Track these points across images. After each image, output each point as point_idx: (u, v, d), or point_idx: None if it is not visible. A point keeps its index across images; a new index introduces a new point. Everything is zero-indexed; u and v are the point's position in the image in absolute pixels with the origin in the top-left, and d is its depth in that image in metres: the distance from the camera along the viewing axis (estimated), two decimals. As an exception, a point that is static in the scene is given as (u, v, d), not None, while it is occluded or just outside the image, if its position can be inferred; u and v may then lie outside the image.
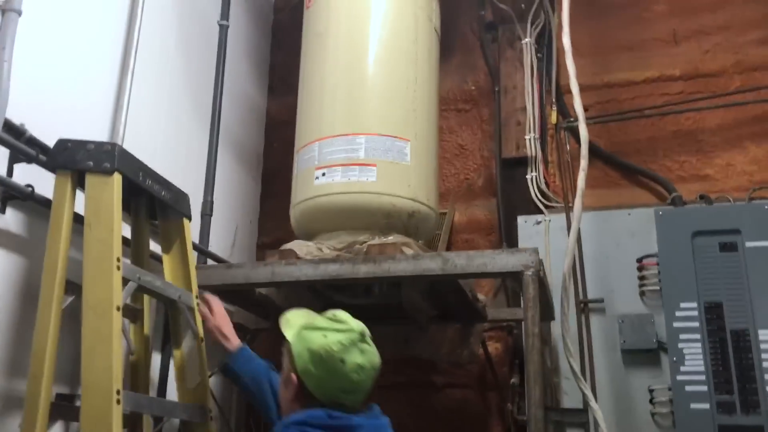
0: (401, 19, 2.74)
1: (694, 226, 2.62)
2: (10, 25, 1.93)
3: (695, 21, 3.26)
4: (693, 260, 2.58)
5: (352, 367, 1.46)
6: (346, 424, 1.44)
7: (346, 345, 1.48)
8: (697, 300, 2.55)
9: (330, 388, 1.47)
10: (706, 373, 2.47)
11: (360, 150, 2.53)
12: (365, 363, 1.48)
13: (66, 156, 1.93)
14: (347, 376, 1.46)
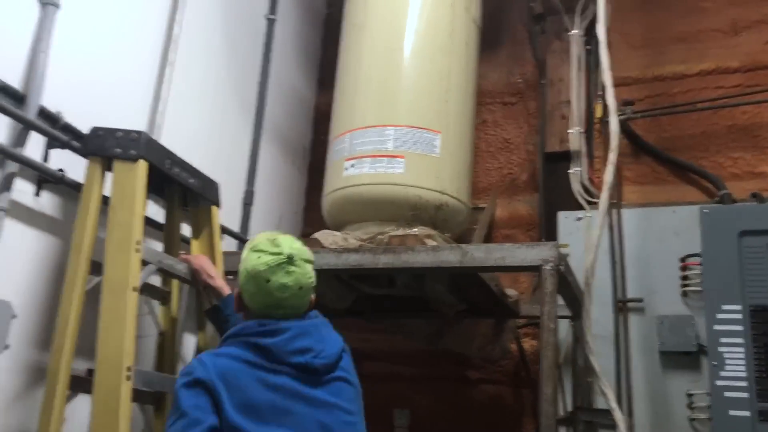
0: (437, 11, 2.73)
1: (742, 224, 2.48)
2: (48, 18, 2.05)
3: (757, 10, 3.09)
4: (739, 261, 2.45)
5: (276, 286, 1.61)
6: (273, 328, 1.59)
7: (272, 266, 1.62)
8: (742, 302, 2.42)
9: (259, 302, 1.64)
10: (748, 380, 2.35)
11: (389, 141, 2.54)
12: (290, 282, 1.62)
13: (97, 143, 2.04)
14: (272, 293, 1.62)
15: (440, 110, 2.62)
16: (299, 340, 1.59)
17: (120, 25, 2.39)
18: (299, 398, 1.54)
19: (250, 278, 1.63)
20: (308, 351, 1.58)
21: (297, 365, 1.56)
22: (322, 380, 1.59)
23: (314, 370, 1.58)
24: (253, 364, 1.54)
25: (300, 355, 1.57)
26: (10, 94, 1.94)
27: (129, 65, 2.42)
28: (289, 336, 1.58)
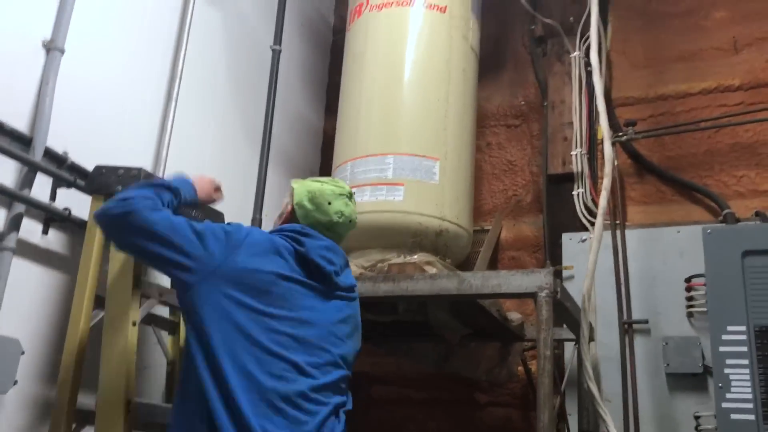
0: (434, 40, 2.78)
1: (745, 244, 2.47)
2: (54, 63, 2.14)
3: (758, 28, 3.09)
4: (743, 281, 2.44)
5: (336, 210, 1.84)
6: (311, 233, 1.79)
7: (336, 194, 1.86)
8: (746, 323, 2.41)
9: (313, 220, 1.83)
10: (755, 402, 2.33)
11: (388, 170, 2.58)
12: (346, 211, 1.86)
13: (100, 181, 2.11)
14: (329, 214, 1.83)
15: (438, 138, 2.66)
16: (330, 253, 1.78)
17: (124, 63, 2.47)
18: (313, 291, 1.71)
19: (311, 198, 1.84)
20: (332, 264, 1.77)
21: (320, 269, 1.72)
22: (332, 293, 1.76)
23: (331, 282, 1.75)
24: (282, 249, 1.69)
25: (327, 262, 1.74)
26: (17, 137, 2.02)
27: (134, 101, 2.50)
28: (324, 245, 1.77)
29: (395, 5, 2.82)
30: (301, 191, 1.87)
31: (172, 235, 1.60)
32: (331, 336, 1.70)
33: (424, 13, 2.81)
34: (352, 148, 2.72)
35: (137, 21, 2.55)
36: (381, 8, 2.85)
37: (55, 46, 2.15)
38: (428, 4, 2.82)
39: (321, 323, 1.68)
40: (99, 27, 2.36)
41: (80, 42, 2.25)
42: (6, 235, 1.95)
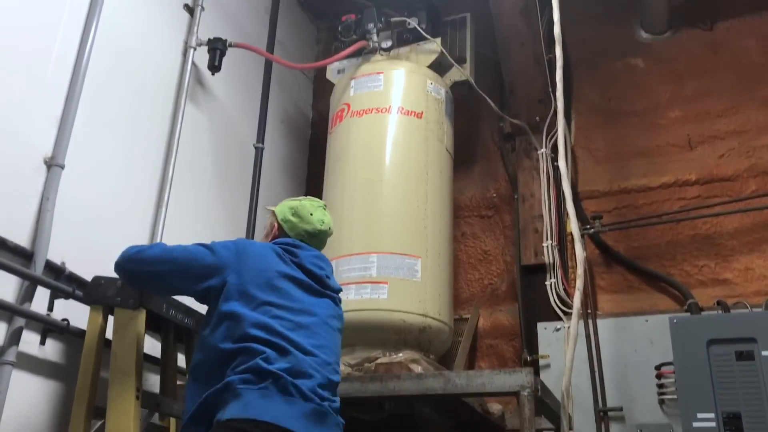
0: (411, 144, 2.96)
1: (709, 334, 2.63)
2: (54, 178, 2.24)
3: (709, 126, 3.34)
4: (709, 369, 2.58)
5: (318, 218, 2.13)
6: (301, 245, 2.07)
7: (315, 206, 2.16)
8: (715, 410, 2.54)
9: (301, 230, 2.11)
10: (728, 489, 2.45)
11: (372, 268, 2.70)
12: (326, 219, 2.16)
13: (99, 292, 2.18)
14: (313, 223, 2.12)
15: (419, 236, 2.80)
16: (320, 261, 2.07)
17: (119, 173, 2.58)
18: (307, 289, 1.96)
19: (295, 212, 2.12)
20: (322, 269, 2.05)
21: (312, 273, 2.00)
22: (325, 292, 2.02)
23: (323, 283, 2.02)
24: (279, 254, 1.97)
25: (318, 268, 2.03)
26: (19, 252, 2.09)
27: (128, 209, 2.61)
28: (314, 254, 2.07)
29: (375, 111, 3.01)
30: (283, 209, 2.15)
31: (188, 254, 1.93)
32: (326, 326, 1.95)
33: (402, 119, 3.00)
34: (337, 247, 2.84)
35: (131, 130, 2.67)
36: (362, 114, 3.03)
37: (56, 162, 2.26)
38: (406, 111, 3.02)
39: (319, 314, 1.94)
40: (96, 140, 2.48)
41: (78, 156, 2.36)
42: (6, 349, 2.00)
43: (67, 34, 2.40)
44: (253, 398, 1.68)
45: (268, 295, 1.86)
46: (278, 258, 1.96)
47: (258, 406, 1.67)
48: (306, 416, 1.71)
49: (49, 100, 2.30)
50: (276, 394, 1.70)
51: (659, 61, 3.56)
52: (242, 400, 1.68)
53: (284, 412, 1.69)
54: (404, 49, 3.32)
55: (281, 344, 1.78)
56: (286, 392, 1.71)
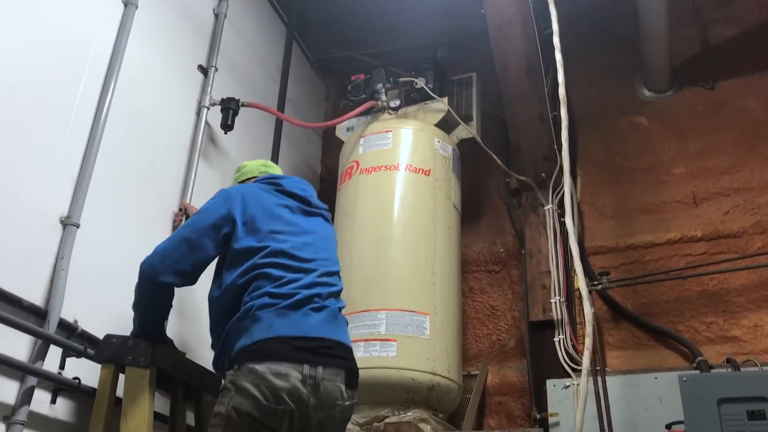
0: (420, 201, 3.00)
1: (720, 392, 2.60)
2: (69, 237, 2.28)
3: (714, 183, 3.38)
4: (720, 429, 2.55)
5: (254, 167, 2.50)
6: (279, 175, 2.36)
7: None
8: (728, 471, 2.51)
9: (255, 172, 2.44)
10: None
11: (381, 325, 2.71)
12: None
13: (110, 351, 2.20)
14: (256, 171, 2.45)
15: (428, 293, 2.82)
16: (301, 184, 2.32)
17: (134, 230, 2.62)
18: (299, 212, 2.22)
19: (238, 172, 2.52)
20: (306, 191, 2.29)
21: (299, 196, 2.25)
22: (313, 211, 2.27)
23: (310, 203, 2.27)
24: (267, 189, 2.23)
25: (301, 191, 2.27)
26: (33, 311, 2.12)
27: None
28: (294, 179, 2.33)
29: (384, 169, 3.06)
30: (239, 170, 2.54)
31: (193, 224, 2.16)
32: (325, 240, 2.23)
33: (410, 176, 3.05)
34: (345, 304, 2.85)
35: (146, 188, 2.72)
36: (371, 171, 3.08)
37: (71, 221, 2.30)
38: (414, 168, 3.07)
39: (316, 231, 2.22)
40: (111, 198, 2.53)
41: (93, 214, 2.40)
42: (17, 408, 2.01)
43: (86, 95, 2.47)
44: (274, 319, 1.92)
45: (270, 224, 2.11)
46: (266, 192, 2.23)
47: (281, 324, 1.91)
48: (322, 322, 1.98)
49: (67, 160, 2.35)
50: (293, 311, 1.95)
51: (663, 119, 3.62)
52: (264, 323, 1.91)
53: (305, 323, 1.95)
54: (412, 107, 3.40)
55: (290, 264, 2.04)
56: (301, 306, 1.96)
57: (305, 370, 1.88)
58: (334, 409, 1.94)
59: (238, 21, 3.55)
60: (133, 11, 2.69)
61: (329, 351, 1.95)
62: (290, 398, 1.84)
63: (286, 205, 2.20)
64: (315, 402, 1.89)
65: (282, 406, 1.84)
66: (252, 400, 1.82)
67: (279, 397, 1.83)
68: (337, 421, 1.97)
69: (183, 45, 3.06)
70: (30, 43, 2.26)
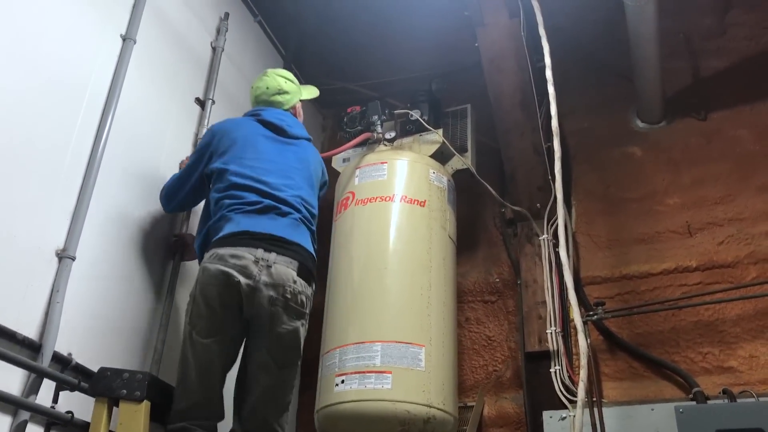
0: (415, 232, 3.01)
1: (717, 424, 2.60)
2: (65, 270, 2.29)
3: (707, 213, 3.39)
4: (718, 460, 2.55)
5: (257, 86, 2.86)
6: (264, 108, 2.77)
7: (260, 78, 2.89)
8: (726, 505, 2.50)
9: (254, 100, 2.85)
10: None
11: (376, 357, 2.70)
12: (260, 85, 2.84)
13: (104, 384, 2.20)
14: (256, 92, 2.84)
15: (423, 325, 2.82)
16: (281, 115, 2.71)
17: (131, 265, 2.63)
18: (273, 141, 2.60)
19: (252, 91, 2.88)
20: (284, 120, 2.67)
21: (274, 125, 2.63)
22: (288, 140, 2.64)
23: (285, 132, 2.65)
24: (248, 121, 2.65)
25: (279, 120, 2.65)
26: (27, 344, 2.12)
27: (137, 301, 2.64)
28: (276, 111, 2.72)
29: (379, 200, 3.08)
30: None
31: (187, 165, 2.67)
32: (293, 168, 2.56)
33: (405, 207, 3.07)
34: (339, 336, 2.86)
35: (143, 220, 2.73)
36: (366, 202, 3.10)
37: (67, 254, 2.31)
38: (409, 199, 3.09)
39: (285, 159, 2.57)
40: (108, 231, 2.55)
41: (89, 247, 2.41)
42: (10, 443, 2.00)
43: (84, 129, 2.50)
44: (243, 218, 2.34)
45: (242, 151, 2.51)
46: (247, 122, 2.64)
47: (247, 222, 2.34)
48: (285, 226, 2.38)
49: (64, 193, 2.37)
50: (259, 215, 2.36)
51: (656, 150, 3.65)
52: (234, 220, 2.34)
53: (269, 224, 2.35)
54: (407, 139, 3.43)
55: (257, 186, 2.42)
56: (266, 213, 2.38)
57: (259, 254, 2.27)
58: (285, 289, 2.28)
59: (236, 54, 3.59)
60: (131, 46, 2.73)
61: (286, 245, 2.34)
62: (242, 273, 2.23)
63: (260, 134, 2.59)
64: (266, 280, 2.25)
65: (235, 279, 2.22)
66: (211, 277, 2.24)
67: (232, 273, 2.22)
68: (289, 304, 2.31)
69: (180, 78, 3.10)
70: (29, 77, 2.29)
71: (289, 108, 2.81)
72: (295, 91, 2.86)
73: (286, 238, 2.35)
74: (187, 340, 2.29)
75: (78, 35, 2.53)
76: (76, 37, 2.52)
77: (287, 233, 2.37)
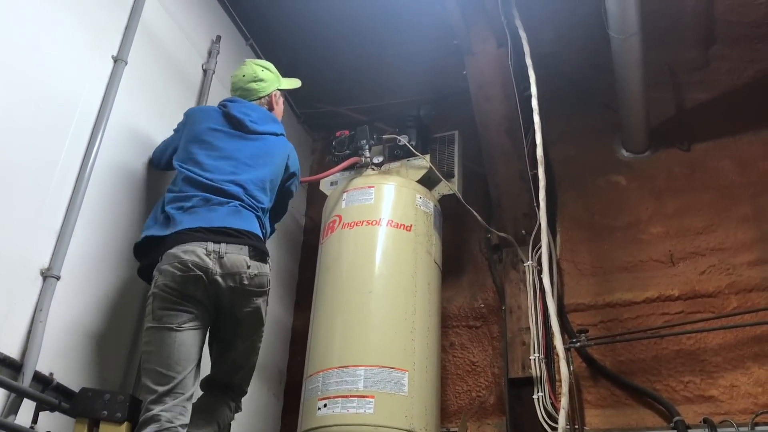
0: (400, 256, 3.04)
1: (697, 453, 2.63)
2: (49, 289, 2.29)
3: (690, 243, 3.44)
4: (697, 491, 2.57)
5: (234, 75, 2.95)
6: (235, 99, 2.82)
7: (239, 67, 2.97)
8: None
9: (232, 89, 2.93)
10: None
11: (359, 382, 2.71)
12: (237, 74, 2.93)
13: (85, 404, 2.20)
14: (232, 80, 2.94)
15: (407, 349, 2.83)
16: (246, 108, 2.73)
17: (115, 285, 2.62)
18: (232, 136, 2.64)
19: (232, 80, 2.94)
20: (248, 115, 2.69)
21: (237, 120, 2.66)
22: (248, 136, 2.66)
23: (245, 127, 2.66)
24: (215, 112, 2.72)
25: (243, 114, 2.68)
26: (8, 364, 2.10)
27: (118, 320, 2.63)
28: (243, 104, 2.76)
29: (366, 224, 3.10)
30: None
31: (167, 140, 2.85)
32: (245, 165, 2.58)
33: (391, 231, 3.09)
34: (322, 360, 2.86)
35: (130, 240, 2.73)
36: (353, 226, 3.12)
37: (52, 273, 2.30)
38: (395, 224, 3.11)
39: (239, 155, 2.60)
40: (93, 250, 2.54)
41: (74, 267, 2.41)
42: (-13, 464, 1.99)
43: (72, 148, 2.49)
44: (183, 217, 2.40)
45: (196, 148, 2.58)
46: (212, 114, 2.70)
47: (189, 219, 2.39)
48: (226, 215, 2.43)
49: (50, 212, 2.37)
50: (201, 210, 2.42)
51: (640, 179, 3.70)
52: (175, 221, 2.40)
53: (210, 216, 2.41)
54: (395, 164, 3.46)
55: (199, 179, 2.48)
56: (205, 205, 2.43)
57: (209, 247, 2.32)
58: (241, 276, 2.35)
59: (227, 77, 3.59)
60: (122, 67, 2.75)
61: (233, 233, 2.40)
62: (197, 267, 2.28)
63: (219, 129, 2.64)
64: (221, 271, 2.32)
65: (192, 273, 2.27)
66: (168, 275, 2.28)
67: (187, 267, 2.27)
68: (248, 289, 2.38)
69: (171, 100, 3.12)
70: (20, 96, 2.30)
71: (264, 96, 2.85)
72: (272, 80, 2.90)
73: (231, 227, 2.41)
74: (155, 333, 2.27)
75: (69, 56, 2.54)
76: (67, 58, 2.53)
77: (230, 222, 2.42)
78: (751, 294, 3.22)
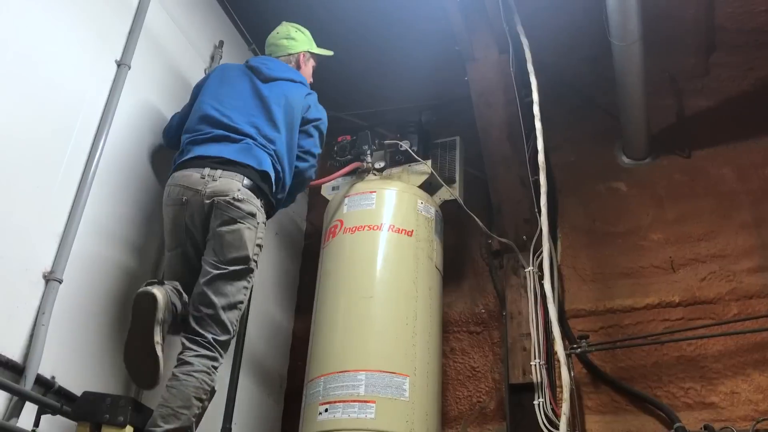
0: (402, 261, 3.04)
1: (698, 460, 2.63)
2: (51, 293, 2.29)
3: (690, 249, 3.45)
4: (699, 497, 2.57)
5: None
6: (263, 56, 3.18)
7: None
8: None
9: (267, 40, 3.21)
10: None
11: (360, 386, 2.71)
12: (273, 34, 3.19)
13: (87, 408, 2.20)
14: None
15: (408, 354, 2.83)
16: (265, 60, 3.02)
17: (117, 288, 2.63)
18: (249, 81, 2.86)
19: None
20: (265, 63, 2.92)
21: (253, 68, 2.90)
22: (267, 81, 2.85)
23: (261, 74, 2.87)
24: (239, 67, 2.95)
25: (260, 63, 2.93)
26: (10, 367, 2.11)
27: (121, 328, 2.62)
28: (263, 58, 3.07)
29: (367, 229, 3.11)
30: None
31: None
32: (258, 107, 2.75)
33: (392, 236, 3.10)
34: (323, 364, 2.87)
35: (132, 244, 2.74)
36: (354, 231, 3.13)
37: (54, 277, 2.31)
38: (397, 229, 3.12)
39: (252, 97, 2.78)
40: (96, 254, 2.55)
41: (76, 270, 2.41)
42: (-12, 467, 1.99)
43: (75, 152, 2.50)
44: (196, 147, 2.61)
45: (213, 94, 2.78)
46: (238, 67, 2.95)
47: (199, 149, 2.60)
48: (236, 150, 2.59)
49: (53, 216, 2.38)
50: (212, 143, 2.61)
51: (641, 186, 3.71)
52: (188, 150, 2.62)
53: (219, 149, 2.59)
54: (396, 169, 3.47)
55: (218, 118, 2.67)
56: (219, 141, 2.61)
57: (206, 171, 2.52)
58: (227, 195, 2.47)
59: (229, 81, 3.63)
60: (125, 72, 2.76)
61: (235, 164, 2.55)
62: (189, 189, 2.50)
63: (237, 78, 2.86)
64: (209, 191, 2.48)
65: (183, 198, 2.50)
66: (167, 193, 2.57)
67: (181, 186, 2.51)
68: (230, 207, 2.47)
69: (174, 104, 3.12)
70: (23, 100, 2.31)
71: (293, 53, 3.06)
72: (303, 41, 3.09)
73: (235, 160, 2.55)
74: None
75: (73, 60, 2.55)
76: (70, 62, 2.54)
77: (237, 156, 2.57)
78: (751, 301, 3.22)
